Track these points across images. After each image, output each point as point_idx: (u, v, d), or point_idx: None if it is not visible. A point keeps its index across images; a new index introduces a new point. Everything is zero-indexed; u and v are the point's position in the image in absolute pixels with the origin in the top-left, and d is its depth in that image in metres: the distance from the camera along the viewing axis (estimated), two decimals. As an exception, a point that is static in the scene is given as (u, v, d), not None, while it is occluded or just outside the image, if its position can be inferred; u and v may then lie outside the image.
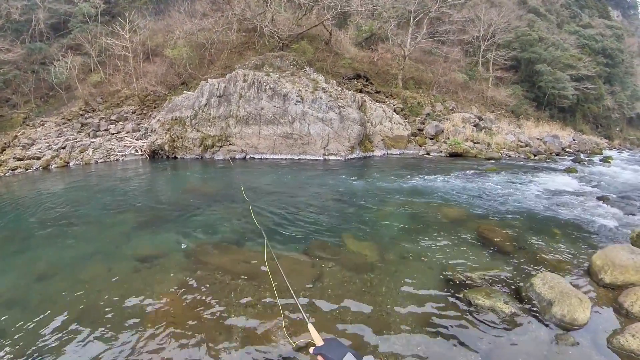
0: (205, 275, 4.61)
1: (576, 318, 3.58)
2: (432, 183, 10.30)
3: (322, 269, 4.78)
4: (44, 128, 19.01)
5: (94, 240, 6.05)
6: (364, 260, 5.06)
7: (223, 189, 9.72)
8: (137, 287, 4.34)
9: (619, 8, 62.67)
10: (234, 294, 4.16)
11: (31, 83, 20.94)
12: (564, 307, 3.65)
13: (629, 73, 40.53)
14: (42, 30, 23.39)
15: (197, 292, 4.21)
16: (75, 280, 4.59)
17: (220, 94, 16.03)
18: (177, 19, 22.65)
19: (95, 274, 4.71)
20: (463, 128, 18.80)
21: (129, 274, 4.72)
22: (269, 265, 4.87)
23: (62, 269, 4.98)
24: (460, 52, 27.95)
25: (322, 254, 5.25)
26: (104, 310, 3.88)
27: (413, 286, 4.35)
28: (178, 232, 6.28)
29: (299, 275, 4.59)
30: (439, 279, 4.49)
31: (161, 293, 4.19)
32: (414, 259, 5.11)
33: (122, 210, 7.76)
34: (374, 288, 4.29)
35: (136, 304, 3.97)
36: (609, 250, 4.63)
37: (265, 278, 4.46)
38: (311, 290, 4.24)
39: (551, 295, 3.83)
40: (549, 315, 3.72)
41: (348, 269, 4.75)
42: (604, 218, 7.14)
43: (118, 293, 4.21)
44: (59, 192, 9.90)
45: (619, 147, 31.28)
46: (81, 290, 4.34)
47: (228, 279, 4.50)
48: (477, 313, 3.76)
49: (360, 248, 5.46)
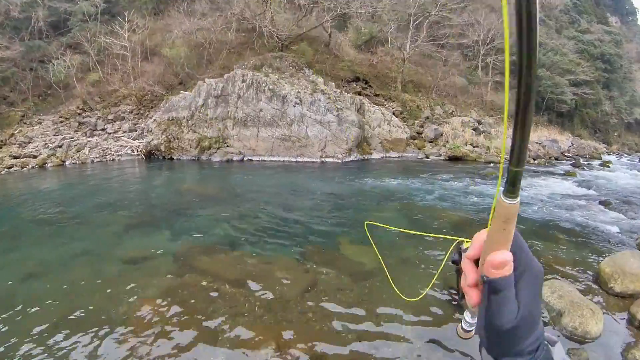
0: (192, 281, 4.47)
1: (589, 330, 3.38)
2: (431, 187, 10.20)
3: (316, 275, 4.63)
4: (41, 126, 18.83)
5: (84, 240, 6.05)
6: (361, 266, 4.90)
7: (219, 190, 9.59)
8: (121, 290, 4.25)
9: (617, 14, 63.00)
10: (221, 301, 4.01)
11: (29, 81, 20.73)
12: (575, 319, 3.46)
13: (628, 78, 40.69)
14: (41, 28, 23.21)
15: (182, 298, 4.07)
16: (62, 281, 4.59)
17: (217, 94, 15.89)
18: (176, 18, 22.51)
19: (82, 275, 4.69)
20: (462, 132, 18.74)
21: (115, 276, 4.66)
22: (261, 271, 4.78)
23: (50, 269, 4.99)
24: (460, 56, 27.94)
25: (317, 259, 5.11)
26: (86, 313, 3.81)
27: (412, 294, 4.17)
28: (168, 234, 6.20)
29: (292, 281, 4.45)
30: (438, 287, 4.34)
31: (144, 298, 4.07)
32: (413, 266, 4.96)
33: (114, 211, 7.72)
34: (372, 295, 4.14)
35: (118, 309, 3.89)
36: (618, 258, 4.49)
37: (256, 285, 4.34)
38: (305, 298, 4.09)
39: (561, 305, 3.65)
40: (559, 327, 3.53)
41: (344, 276, 4.60)
42: (607, 223, 7.08)
43: (102, 296, 4.16)
44: (53, 191, 9.84)
45: (617, 152, 31.32)
46: (66, 291, 4.32)
47: (216, 285, 4.34)
48: None
49: (357, 253, 5.31)
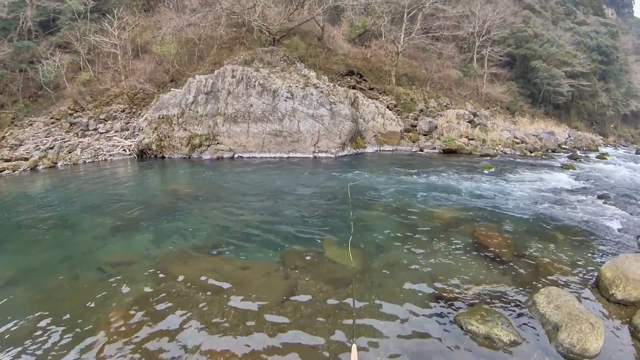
0: (167, 288, 4.30)
1: (587, 348, 3.08)
2: (424, 181, 9.97)
3: (296, 281, 4.39)
4: (32, 128, 18.64)
5: (67, 245, 5.94)
6: (345, 271, 4.59)
7: (206, 190, 9.40)
8: (96, 298, 4.14)
9: (613, 6, 62.75)
10: (196, 310, 3.84)
11: (19, 82, 20.53)
12: (573, 335, 3.16)
13: (624, 70, 40.53)
14: (30, 28, 22.96)
15: (155, 307, 3.91)
16: (41, 287, 4.55)
17: (207, 90, 15.68)
18: (166, 14, 22.26)
19: (60, 282, 4.62)
20: (457, 124, 18.55)
21: (92, 283, 4.54)
22: (238, 277, 4.53)
23: (30, 275, 4.92)
24: (455, 49, 27.72)
25: (299, 263, 4.86)
26: (59, 322, 3.74)
27: (399, 304, 3.93)
28: (151, 237, 6.04)
29: (270, 289, 4.23)
30: (428, 296, 4.08)
31: (118, 307, 3.94)
32: (401, 269, 4.69)
33: (100, 214, 7.56)
34: (355, 304, 3.87)
35: (91, 317, 3.78)
36: (620, 261, 4.13)
37: (233, 292, 4.17)
38: (282, 306, 3.85)
39: (557, 318, 3.35)
40: (554, 343, 3.24)
41: (326, 282, 4.34)
42: (607, 219, 6.78)
43: (77, 304, 4.07)
44: (42, 194, 9.67)
45: (614, 143, 31.22)
46: (43, 299, 4.26)
47: (192, 293, 4.17)
48: (471, 340, 3.36)
49: (342, 257, 5.00)
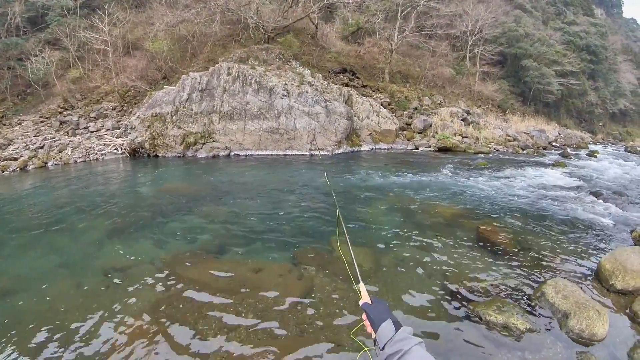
0: (179, 292, 4.15)
1: (595, 333, 3.34)
2: (423, 179, 10.04)
3: (311, 281, 4.34)
4: (21, 127, 18.19)
5: (64, 250, 5.64)
6: (359, 269, 4.63)
7: (205, 189, 9.24)
8: (103, 307, 3.94)
9: (602, 6, 63.86)
10: (211, 315, 3.72)
11: (7, 80, 20.03)
12: (582, 321, 3.40)
13: (612, 70, 41.28)
14: (18, 24, 22.41)
15: (168, 312, 3.78)
16: (41, 297, 4.24)
17: (202, 88, 15.51)
18: (158, 10, 21.92)
19: (62, 290, 4.35)
20: (451, 122, 18.71)
21: (97, 290, 4.32)
22: (253, 279, 4.41)
23: (28, 284, 4.64)
24: (448, 47, 27.93)
25: (311, 263, 4.81)
26: (69, 333, 3.52)
27: (414, 299, 3.94)
28: (153, 239, 5.85)
29: (286, 289, 4.17)
30: (442, 290, 4.12)
31: (129, 314, 3.77)
32: (411, 266, 4.69)
33: (95, 215, 7.26)
34: None
35: (102, 327, 3.58)
36: (619, 254, 4.41)
37: (247, 294, 4.07)
38: (300, 307, 3.82)
39: (566, 307, 3.58)
40: (565, 329, 3.46)
41: (340, 281, 4.30)
42: (601, 215, 7.03)
43: (85, 314, 3.84)
44: (32, 196, 9.32)
45: (602, 141, 31.83)
46: (46, 309, 3.97)
47: (205, 297, 4.04)
48: (489, 330, 3.43)
49: (353, 253, 4.99)
